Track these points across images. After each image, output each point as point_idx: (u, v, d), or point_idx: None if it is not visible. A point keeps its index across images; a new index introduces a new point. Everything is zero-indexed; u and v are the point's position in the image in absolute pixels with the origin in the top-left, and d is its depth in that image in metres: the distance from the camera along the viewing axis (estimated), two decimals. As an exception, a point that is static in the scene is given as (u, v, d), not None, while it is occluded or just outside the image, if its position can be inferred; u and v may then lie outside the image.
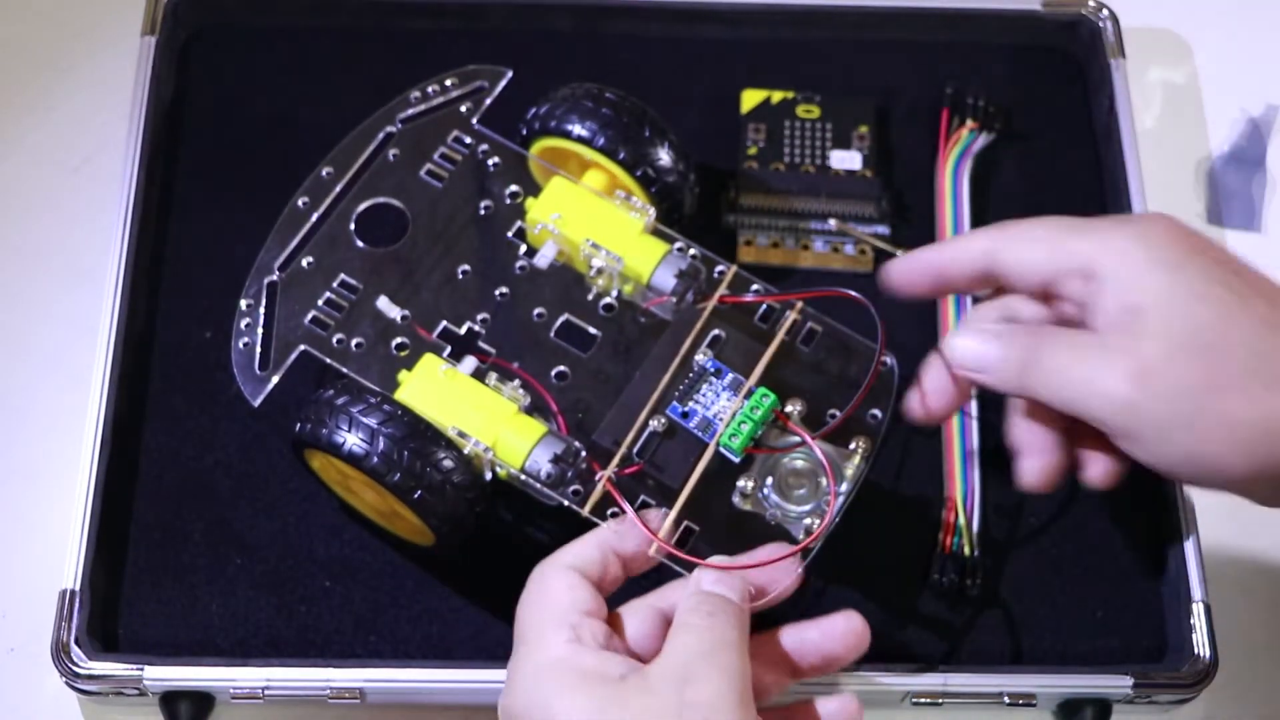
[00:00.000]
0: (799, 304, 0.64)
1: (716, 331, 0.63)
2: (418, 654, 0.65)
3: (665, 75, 0.76)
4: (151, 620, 0.65)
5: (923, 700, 0.64)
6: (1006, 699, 0.64)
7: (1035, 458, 0.61)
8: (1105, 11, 0.78)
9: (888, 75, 0.78)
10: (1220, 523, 0.69)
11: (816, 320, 0.63)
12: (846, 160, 0.75)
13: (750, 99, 0.76)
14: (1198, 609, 0.65)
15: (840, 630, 0.58)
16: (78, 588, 0.64)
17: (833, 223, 0.73)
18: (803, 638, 0.59)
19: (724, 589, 0.57)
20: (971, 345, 0.60)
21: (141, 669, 0.63)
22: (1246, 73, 0.82)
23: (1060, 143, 0.77)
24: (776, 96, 0.76)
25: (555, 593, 0.57)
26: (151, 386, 0.69)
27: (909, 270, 0.62)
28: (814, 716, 0.58)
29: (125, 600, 0.65)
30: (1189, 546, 0.66)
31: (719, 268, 0.65)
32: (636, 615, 0.58)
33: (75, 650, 0.63)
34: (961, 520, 0.67)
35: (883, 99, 0.77)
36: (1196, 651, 0.64)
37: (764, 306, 0.64)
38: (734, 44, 0.78)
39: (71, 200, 0.76)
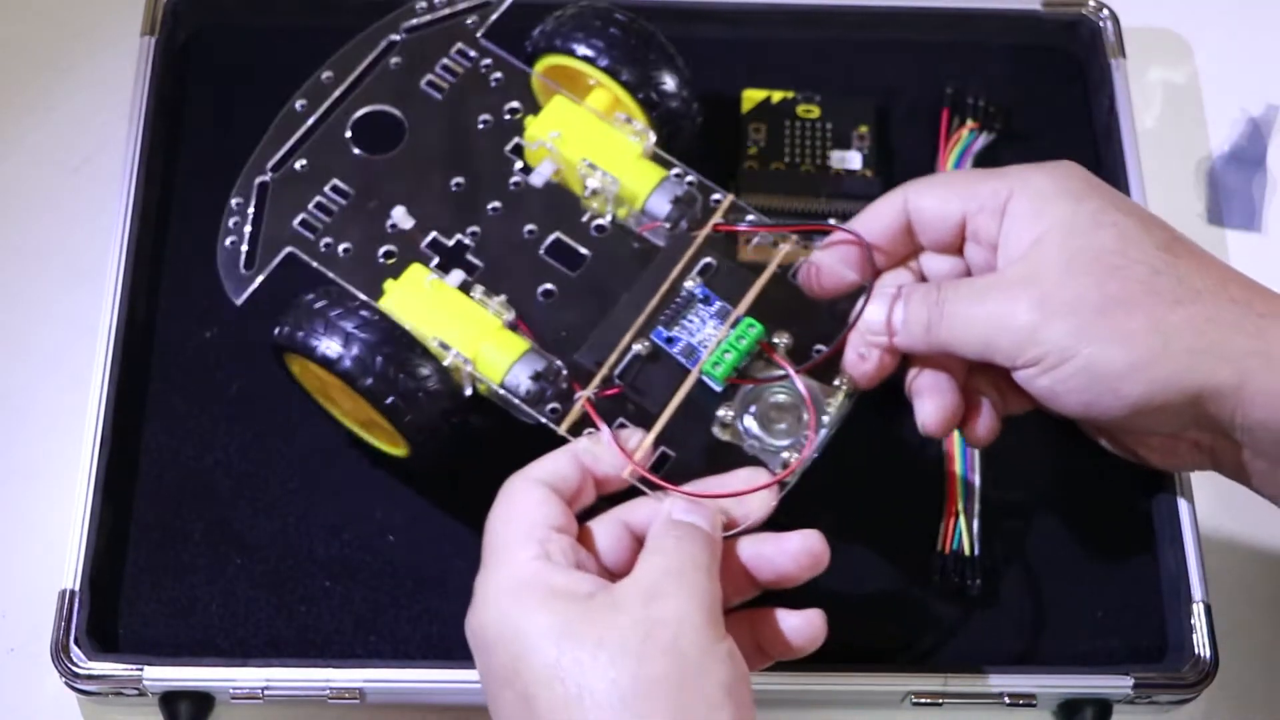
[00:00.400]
0: (793, 236, 0.63)
1: (708, 260, 0.63)
2: (418, 654, 0.65)
3: (665, 75, 0.77)
4: (151, 620, 0.65)
5: (923, 700, 0.64)
6: (1007, 699, 0.64)
7: (933, 399, 0.61)
8: (1105, 11, 0.78)
9: (888, 75, 0.78)
10: (1220, 523, 0.69)
11: (809, 254, 0.63)
12: (846, 160, 0.75)
13: (750, 99, 0.76)
14: (1198, 609, 0.65)
15: (794, 549, 0.58)
16: (77, 588, 0.64)
17: (832, 223, 0.73)
18: (760, 551, 0.58)
19: (694, 518, 0.56)
20: (876, 311, 0.60)
21: (141, 669, 0.63)
22: (1247, 73, 0.82)
23: (1060, 143, 0.77)
24: (776, 96, 0.76)
25: (524, 507, 0.56)
26: (151, 386, 0.69)
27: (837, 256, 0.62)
28: (774, 625, 0.58)
29: (125, 600, 0.65)
30: (1189, 546, 0.66)
31: (715, 196, 0.64)
32: (605, 529, 0.58)
33: (75, 650, 0.63)
34: (961, 520, 0.67)
35: (883, 99, 0.77)
36: (1197, 652, 0.64)
37: (757, 238, 0.64)
38: (734, 44, 0.78)
39: (71, 200, 0.76)
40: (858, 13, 0.78)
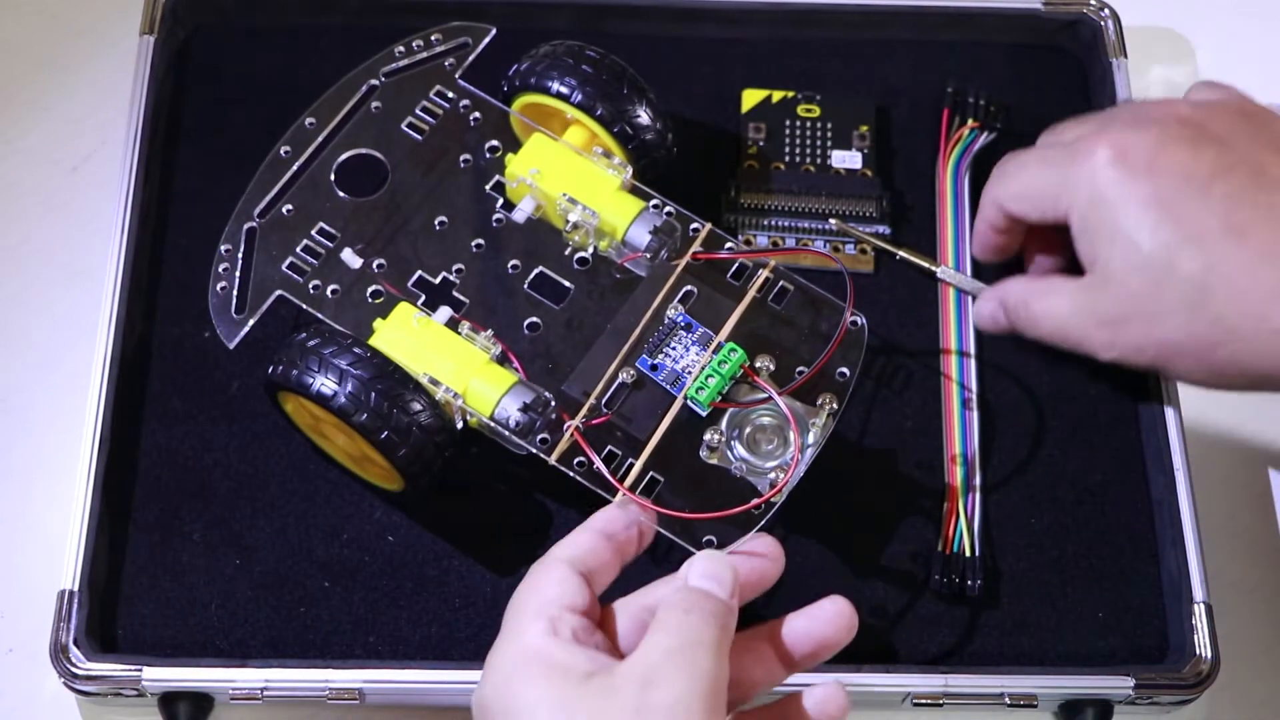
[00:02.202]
0: (771, 262, 0.64)
1: (689, 287, 0.64)
2: (417, 654, 0.65)
3: (665, 75, 0.76)
4: (150, 620, 0.65)
5: (923, 701, 0.64)
6: (1007, 700, 0.64)
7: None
8: (1106, 10, 0.78)
9: (888, 75, 0.78)
10: (1220, 523, 0.69)
11: (788, 279, 0.64)
12: (846, 160, 0.75)
13: (750, 99, 0.76)
14: (1198, 609, 0.65)
15: (830, 614, 0.58)
16: (76, 588, 0.64)
17: (833, 222, 0.73)
18: (792, 627, 0.58)
19: (712, 584, 0.56)
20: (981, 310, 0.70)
21: (140, 669, 0.63)
22: (1248, 72, 0.81)
23: (1061, 142, 0.76)
24: (776, 96, 0.76)
25: (543, 585, 0.57)
26: (151, 386, 0.69)
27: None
28: (800, 711, 0.57)
29: (124, 600, 0.65)
30: (1189, 546, 0.66)
31: (694, 225, 0.65)
32: (625, 612, 0.58)
33: (74, 651, 0.63)
34: (962, 520, 0.67)
35: (883, 99, 0.77)
36: (1198, 652, 0.64)
37: (737, 264, 0.65)
38: (734, 44, 0.78)
39: (71, 200, 0.76)
40: (858, 13, 0.78)
